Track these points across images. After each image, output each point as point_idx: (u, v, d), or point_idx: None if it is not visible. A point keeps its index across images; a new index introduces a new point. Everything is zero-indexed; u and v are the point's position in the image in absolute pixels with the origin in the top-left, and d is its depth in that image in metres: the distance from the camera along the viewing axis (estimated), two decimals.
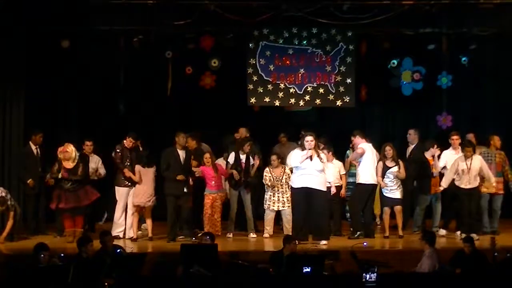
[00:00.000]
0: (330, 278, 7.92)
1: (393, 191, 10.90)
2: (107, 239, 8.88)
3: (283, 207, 10.92)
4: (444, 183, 10.82)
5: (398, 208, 10.92)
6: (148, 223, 10.99)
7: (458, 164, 10.76)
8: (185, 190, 10.70)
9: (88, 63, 12.39)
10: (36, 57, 11.95)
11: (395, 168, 10.86)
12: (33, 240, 10.13)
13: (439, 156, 11.21)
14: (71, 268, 7.46)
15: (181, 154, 10.79)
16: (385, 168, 10.91)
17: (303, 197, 10.27)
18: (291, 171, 10.69)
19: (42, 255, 8.06)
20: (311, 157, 10.22)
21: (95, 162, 11.42)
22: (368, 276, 7.22)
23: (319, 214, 10.28)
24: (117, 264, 8.13)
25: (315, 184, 10.25)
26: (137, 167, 10.94)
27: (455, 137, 11.25)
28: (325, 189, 10.41)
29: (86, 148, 11.29)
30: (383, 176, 10.92)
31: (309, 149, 10.23)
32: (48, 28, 11.53)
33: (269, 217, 11.09)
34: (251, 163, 11.25)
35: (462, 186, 10.74)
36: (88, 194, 10.74)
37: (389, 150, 10.94)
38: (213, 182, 10.93)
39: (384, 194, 10.95)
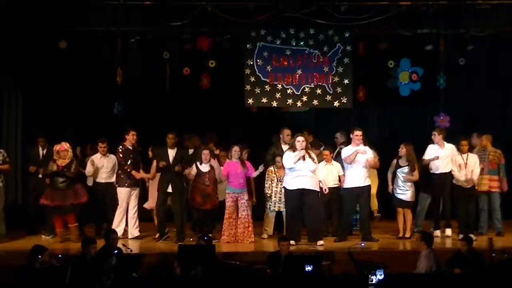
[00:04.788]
0: (328, 278, 7.92)
1: (403, 193, 10.91)
2: (113, 238, 8.90)
3: (284, 208, 10.90)
4: (460, 181, 10.78)
5: (406, 210, 10.93)
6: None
7: (455, 160, 10.80)
8: (169, 189, 10.64)
9: (87, 64, 12.39)
10: (35, 57, 11.95)
11: (405, 169, 10.88)
12: (28, 241, 10.15)
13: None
14: (68, 269, 7.46)
15: (171, 153, 10.75)
16: (397, 167, 10.94)
17: (298, 198, 10.25)
18: None
19: (40, 256, 8.03)
20: (303, 157, 10.22)
21: (113, 162, 11.22)
22: (374, 277, 7.21)
23: (313, 215, 10.26)
24: (115, 264, 8.11)
25: (310, 185, 10.24)
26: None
27: (434, 133, 11.18)
28: (318, 190, 10.40)
29: (100, 150, 11.12)
30: (394, 174, 10.96)
31: (301, 149, 10.23)
32: (47, 28, 11.53)
33: (269, 217, 11.07)
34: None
35: (460, 183, 10.75)
36: (78, 194, 10.71)
37: (401, 149, 10.95)
38: (240, 180, 10.61)
39: (395, 194, 10.96)
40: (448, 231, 11.05)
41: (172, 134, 10.82)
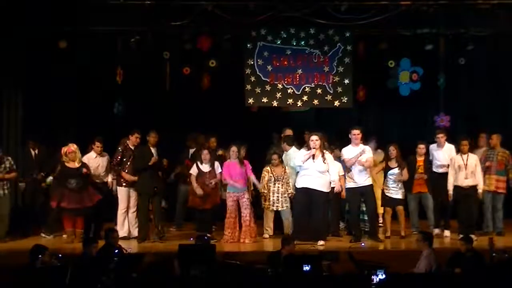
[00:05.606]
0: (328, 278, 7.91)
1: (395, 192, 10.92)
2: (113, 237, 8.89)
3: (282, 207, 10.90)
4: (450, 186, 10.80)
5: (400, 208, 10.96)
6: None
7: (454, 161, 10.79)
8: (155, 189, 10.68)
9: (87, 64, 12.37)
10: (35, 57, 11.94)
11: (396, 170, 10.87)
12: (29, 241, 10.15)
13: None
14: (69, 268, 7.45)
15: (153, 152, 10.76)
16: (387, 169, 10.93)
17: (304, 198, 10.28)
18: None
19: (41, 256, 8.02)
20: (313, 157, 10.20)
21: (106, 160, 11.24)
22: (375, 277, 7.20)
23: (317, 215, 10.26)
24: (116, 264, 8.11)
25: (316, 185, 10.24)
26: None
27: (440, 135, 11.19)
28: (326, 191, 10.37)
29: (97, 149, 11.11)
30: (385, 176, 10.94)
31: (314, 148, 10.22)
32: (46, 28, 11.53)
33: (268, 216, 11.06)
34: None
35: (459, 183, 10.74)
36: (91, 195, 10.77)
37: (392, 151, 10.94)
38: (237, 178, 10.63)
39: (386, 194, 10.96)
40: (447, 233, 11.04)
41: (153, 133, 10.84)
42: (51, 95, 12.36)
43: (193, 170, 10.84)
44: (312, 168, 10.24)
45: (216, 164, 10.91)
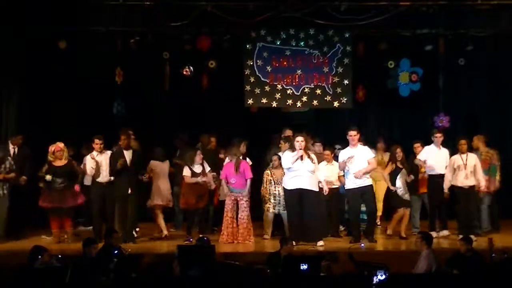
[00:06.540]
0: (327, 278, 7.91)
1: (404, 193, 10.96)
2: (114, 237, 8.90)
3: (284, 210, 10.88)
4: (446, 186, 10.81)
5: (407, 210, 10.98)
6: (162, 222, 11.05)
7: (454, 161, 10.79)
8: (129, 191, 10.56)
9: (87, 64, 12.37)
10: (35, 57, 11.94)
11: (404, 170, 10.91)
12: (29, 241, 10.15)
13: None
14: (68, 269, 7.45)
15: (127, 154, 10.62)
16: (398, 170, 10.93)
17: (297, 199, 10.24)
18: None
19: (40, 257, 8.02)
20: (301, 157, 10.20)
21: (108, 159, 10.94)
22: (375, 278, 7.20)
23: (313, 215, 10.23)
24: (115, 264, 8.11)
25: (308, 185, 10.22)
26: (153, 163, 10.93)
27: (438, 134, 11.13)
28: (317, 190, 10.37)
29: (96, 147, 10.89)
30: (395, 178, 10.93)
31: (300, 149, 10.21)
32: (46, 28, 11.54)
33: (268, 219, 11.04)
34: None
35: (459, 184, 10.73)
36: (75, 196, 10.70)
37: (399, 152, 10.95)
38: (233, 180, 10.64)
39: (399, 195, 10.95)
40: (445, 232, 11.04)
41: (123, 135, 10.67)
42: (50, 95, 12.36)
43: (186, 172, 10.84)
44: (302, 169, 10.20)
45: (206, 165, 10.95)
